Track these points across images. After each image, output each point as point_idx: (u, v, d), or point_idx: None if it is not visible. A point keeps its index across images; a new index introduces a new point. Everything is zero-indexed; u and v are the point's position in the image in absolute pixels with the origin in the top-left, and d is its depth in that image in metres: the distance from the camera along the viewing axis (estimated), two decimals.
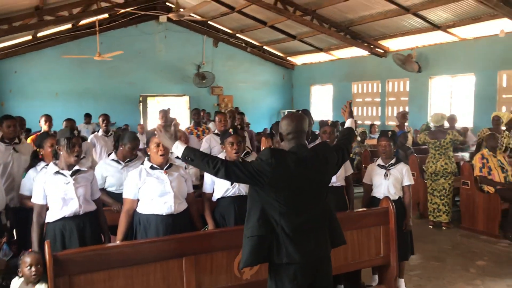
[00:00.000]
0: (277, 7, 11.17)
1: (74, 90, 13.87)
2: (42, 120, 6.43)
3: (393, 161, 4.48)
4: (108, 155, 4.43)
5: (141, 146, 8.75)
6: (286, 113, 16.42)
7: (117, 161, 4.25)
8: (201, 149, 5.81)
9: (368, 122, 13.61)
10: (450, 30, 10.57)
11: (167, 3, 14.16)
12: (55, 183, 3.34)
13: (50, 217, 3.36)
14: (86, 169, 3.51)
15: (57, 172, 3.37)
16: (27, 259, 3.02)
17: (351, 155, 9.12)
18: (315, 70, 16.14)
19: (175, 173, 3.62)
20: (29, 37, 12.59)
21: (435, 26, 10.59)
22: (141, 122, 14.48)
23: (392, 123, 12.90)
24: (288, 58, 16.91)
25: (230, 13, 13.42)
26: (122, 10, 11.34)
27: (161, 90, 15.26)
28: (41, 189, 3.35)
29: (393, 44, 12.57)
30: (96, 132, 6.92)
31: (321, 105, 16.16)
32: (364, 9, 10.86)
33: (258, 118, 16.19)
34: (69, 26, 13.05)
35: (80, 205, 3.37)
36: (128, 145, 4.19)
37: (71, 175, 3.38)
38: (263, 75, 16.95)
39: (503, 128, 7.61)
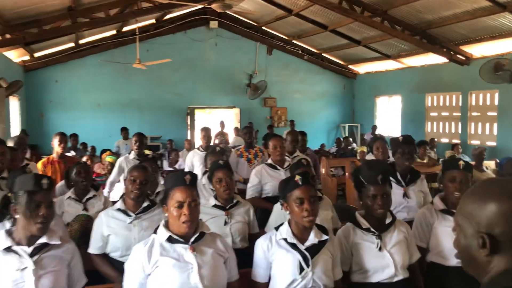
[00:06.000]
0: (343, 6, 9.62)
1: (117, 101, 12.91)
2: (56, 140, 4.85)
3: None
4: (113, 203, 3.05)
5: (183, 166, 7.36)
6: (346, 127, 14.99)
7: (125, 212, 2.86)
8: (249, 184, 4.30)
9: (444, 140, 11.72)
10: None
11: None
12: (3, 268, 1.98)
13: None
14: (59, 242, 2.11)
15: (9, 249, 2.01)
16: None
17: (437, 185, 7.27)
18: (381, 80, 14.37)
19: (209, 249, 2.18)
20: (71, 44, 11.72)
21: None
22: (188, 137, 13.27)
23: (476, 142, 10.95)
24: (350, 66, 15.25)
25: (286, 17, 12.05)
26: (168, 16, 10.16)
27: (210, 102, 14.04)
28: None
29: (477, 50, 10.65)
30: (127, 155, 5.62)
31: (388, 118, 14.38)
32: (448, 7, 9.08)
33: (315, 132, 14.56)
34: (113, 32, 12.12)
35: None
36: (129, 177, 2.84)
37: (31, 255, 2.01)
38: (321, 85, 15.34)
39: None
